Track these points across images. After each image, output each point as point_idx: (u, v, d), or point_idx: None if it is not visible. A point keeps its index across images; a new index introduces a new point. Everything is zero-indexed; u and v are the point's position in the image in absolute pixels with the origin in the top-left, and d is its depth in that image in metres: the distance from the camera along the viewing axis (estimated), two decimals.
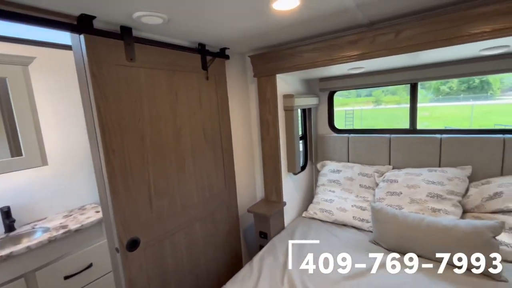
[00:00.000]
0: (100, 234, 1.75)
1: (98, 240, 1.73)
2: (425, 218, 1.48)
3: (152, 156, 1.33)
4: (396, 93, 20.31)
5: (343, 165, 2.15)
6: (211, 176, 1.67)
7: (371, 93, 21.94)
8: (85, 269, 1.64)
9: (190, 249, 1.55)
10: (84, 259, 1.66)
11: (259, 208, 1.89)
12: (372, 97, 22.22)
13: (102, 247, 1.74)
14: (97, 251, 1.72)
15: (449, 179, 1.66)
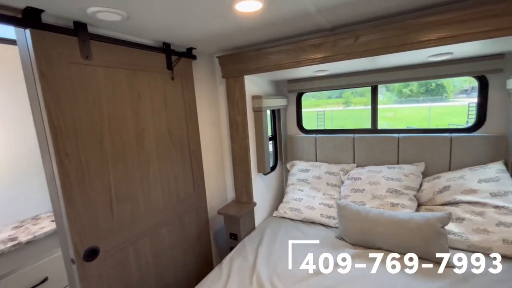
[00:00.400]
0: (57, 245, 1.62)
1: (54, 252, 1.60)
2: (384, 213, 1.58)
3: (113, 159, 1.27)
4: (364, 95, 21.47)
5: (311, 164, 2.22)
6: (178, 179, 1.63)
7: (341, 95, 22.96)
8: (39, 283, 1.51)
9: (156, 256, 1.50)
10: (39, 273, 1.52)
11: (229, 210, 1.88)
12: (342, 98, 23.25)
13: (59, 258, 1.61)
14: (53, 263, 1.59)
15: (406, 175, 1.79)
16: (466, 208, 1.55)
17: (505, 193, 1.47)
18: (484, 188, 1.54)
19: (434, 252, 1.38)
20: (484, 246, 1.42)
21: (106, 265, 1.24)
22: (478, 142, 1.66)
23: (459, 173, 1.68)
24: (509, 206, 1.44)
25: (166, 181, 1.54)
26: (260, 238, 1.78)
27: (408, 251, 1.45)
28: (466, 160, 1.71)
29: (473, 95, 1.71)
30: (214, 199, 2.03)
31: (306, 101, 14.13)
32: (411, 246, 1.44)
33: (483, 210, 1.49)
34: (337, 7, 1.19)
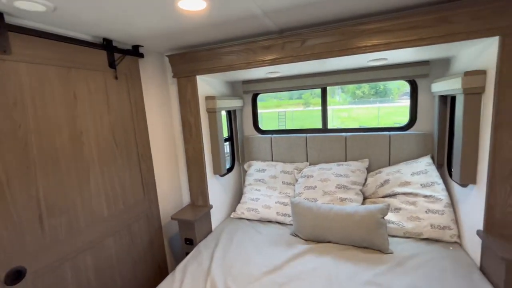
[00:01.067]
0: None
1: None
2: (333, 208, 1.67)
3: (42, 167, 1.13)
4: None
5: (268, 164, 2.26)
6: (125, 185, 1.52)
7: (301, 96, 23.98)
8: None
9: (100, 271, 1.38)
10: None
11: (183, 214, 1.81)
12: (302, 99, 24.29)
13: None
14: None
15: (352, 171, 1.92)
16: (402, 198, 1.72)
17: (432, 184, 1.67)
18: (416, 180, 1.72)
19: (375, 241, 1.51)
20: (417, 232, 1.59)
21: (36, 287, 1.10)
22: (411, 139, 1.86)
23: (396, 167, 1.86)
24: (435, 195, 1.63)
25: (110, 188, 1.43)
26: (216, 242, 1.76)
27: (354, 242, 1.56)
28: (402, 156, 1.90)
29: None
30: (168, 204, 1.94)
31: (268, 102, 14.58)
32: (356, 237, 1.54)
33: (415, 200, 1.67)
34: (281, 11, 1.22)
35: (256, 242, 1.72)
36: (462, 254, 1.43)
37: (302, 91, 2.96)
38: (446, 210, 1.58)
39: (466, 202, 1.48)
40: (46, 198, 1.14)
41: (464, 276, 1.26)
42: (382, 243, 1.50)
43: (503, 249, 1.15)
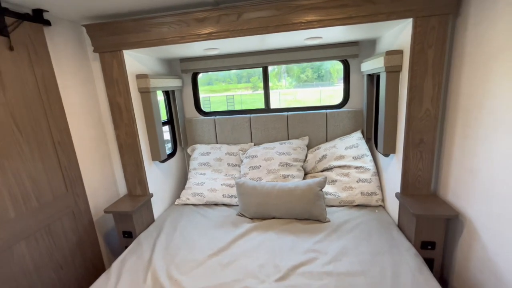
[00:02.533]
0: None
1: None
2: (276, 185, 1.72)
3: None
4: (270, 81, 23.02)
5: (212, 146, 2.19)
6: (38, 179, 1.28)
7: (249, 80, 23.98)
8: None
9: (11, 282, 1.16)
10: None
11: (119, 206, 1.64)
12: (250, 83, 24.33)
13: None
14: None
15: (294, 149, 2.00)
16: (338, 171, 1.87)
17: (362, 156, 1.85)
18: (349, 154, 1.88)
19: (314, 212, 1.61)
20: (350, 200, 1.76)
21: None
22: (344, 116, 2.00)
23: (332, 143, 1.99)
24: (364, 166, 1.81)
25: (16, 183, 1.18)
26: (158, 231, 1.65)
27: (296, 215, 1.64)
28: (337, 132, 2.04)
29: None
30: (100, 197, 1.74)
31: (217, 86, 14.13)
32: (297, 211, 1.63)
33: (349, 171, 1.83)
34: None
35: (201, 227, 1.67)
36: (385, 215, 1.63)
37: (251, 74, 2.93)
38: (373, 179, 1.77)
39: (388, 170, 1.67)
40: None
41: (385, 233, 1.44)
42: (321, 213, 1.61)
43: (414, 206, 1.34)
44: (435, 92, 1.30)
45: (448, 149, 1.36)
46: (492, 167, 1.10)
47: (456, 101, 1.29)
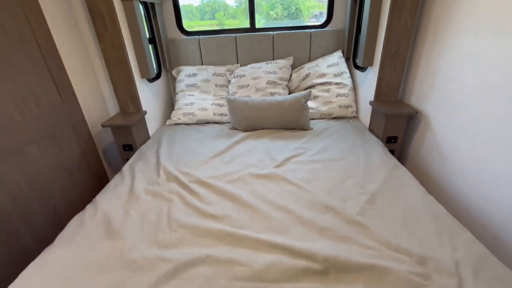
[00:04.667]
0: None
1: None
2: (265, 99, 1.86)
3: None
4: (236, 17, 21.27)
5: (198, 68, 2.19)
6: (32, 85, 1.26)
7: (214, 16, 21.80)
8: None
9: (31, 179, 1.24)
10: None
11: (116, 121, 1.69)
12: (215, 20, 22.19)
13: None
14: None
15: (280, 68, 2.10)
16: (319, 88, 2.05)
17: (341, 73, 2.03)
18: (330, 71, 2.05)
19: (300, 121, 1.82)
20: (329, 113, 2.00)
21: None
22: (327, 35, 2.10)
23: (315, 62, 2.12)
24: (343, 82, 2.01)
25: (15, 88, 1.16)
26: (158, 144, 1.77)
27: (283, 125, 1.85)
28: (320, 51, 2.16)
29: (321, 19, 2.13)
30: (92, 115, 1.74)
31: None
32: (285, 121, 1.83)
33: (329, 87, 2.02)
34: None
35: (199, 139, 1.82)
36: (358, 123, 1.91)
37: (215, 10, 2.60)
38: (350, 93, 1.99)
39: (364, 84, 1.89)
40: None
41: (359, 135, 1.73)
42: (305, 122, 1.83)
43: (384, 109, 1.60)
44: (414, 3, 1.44)
45: (417, 57, 1.58)
46: (448, 69, 1.34)
47: (430, 10, 1.45)
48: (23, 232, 1.19)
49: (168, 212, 1.12)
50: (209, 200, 1.19)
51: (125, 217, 1.11)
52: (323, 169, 1.38)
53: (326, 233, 0.97)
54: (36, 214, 1.26)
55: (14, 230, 1.16)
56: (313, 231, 0.99)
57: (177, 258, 0.88)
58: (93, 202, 1.23)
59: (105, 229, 1.05)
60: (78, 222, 1.10)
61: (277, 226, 1.02)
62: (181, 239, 0.97)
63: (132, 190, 1.29)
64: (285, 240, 0.93)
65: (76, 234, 1.03)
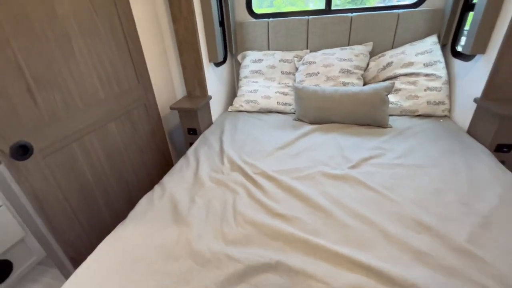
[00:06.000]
0: None
1: None
2: (338, 89, 1.66)
3: (11, 22, 0.87)
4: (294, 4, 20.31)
5: (264, 53, 2.08)
6: (116, 65, 1.30)
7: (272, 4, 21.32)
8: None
9: (109, 155, 1.31)
10: None
11: (183, 104, 1.70)
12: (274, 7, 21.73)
13: None
14: None
15: (356, 55, 1.85)
16: (403, 79, 1.75)
17: (435, 62, 1.69)
18: (419, 60, 1.72)
19: (377, 117, 1.58)
20: (412, 109, 1.70)
21: (48, 165, 1.02)
22: (419, 17, 1.76)
23: (400, 49, 1.81)
24: (436, 73, 1.67)
25: (100, 65, 1.21)
26: (221, 130, 1.73)
27: (357, 120, 1.63)
28: (407, 36, 1.83)
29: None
30: (162, 96, 1.79)
31: None
32: (360, 115, 1.61)
33: (417, 79, 1.71)
34: None
35: (261, 127, 1.73)
36: (451, 124, 1.58)
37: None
38: (444, 87, 1.65)
39: (467, 76, 1.54)
40: (28, 66, 0.92)
41: (454, 138, 1.42)
42: (383, 118, 1.59)
43: (498, 107, 1.27)
44: None
45: None
46: None
47: None
48: (102, 204, 1.28)
49: (234, 204, 1.06)
50: (276, 196, 1.10)
51: (191, 203, 1.08)
52: (409, 175, 1.16)
53: (424, 259, 0.78)
54: (112, 189, 1.34)
55: (95, 201, 1.24)
56: (405, 253, 0.81)
57: (246, 259, 0.80)
58: (161, 183, 1.24)
59: (172, 212, 1.04)
60: (148, 202, 1.12)
61: (356, 238, 0.87)
62: (248, 237, 0.90)
63: (197, 175, 1.26)
64: (371, 259, 0.77)
65: (146, 213, 1.04)
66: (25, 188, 0.93)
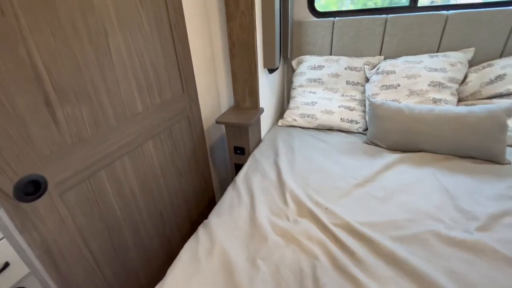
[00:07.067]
0: None
1: None
2: (434, 108, 1.27)
3: (30, 14, 0.61)
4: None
5: (326, 59, 1.73)
6: (159, 69, 1.04)
7: None
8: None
9: (143, 180, 1.04)
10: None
11: (231, 118, 1.41)
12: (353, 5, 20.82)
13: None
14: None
15: (452, 64, 1.44)
16: None
17: None
18: None
19: (492, 149, 1.17)
20: None
21: (66, 203, 0.76)
22: None
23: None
24: None
25: (140, 68, 0.94)
26: (274, 151, 1.41)
27: (458, 151, 1.23)
28: None
29: None
30: (207, 106, 1.51)
31: None
32: (467, 145, 1.20)
33: None
34: None
35: (323, 151, 1.38)
36: None
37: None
38: None
39: None
40: (49, 72, 0.67)
41: None
42: (500, 150, 1.16)
43: None
44: None
45: None
46: None
47: None
48: (131, 246, 1.00)
49: (314, 278, 0.72)
50: (376, 270, 0.74)
51: (252, 269, 0.76)
52: None
53: None
54: (142, 222, 1.06)
55: (124, 245, 0.97)
56: None
57: None
58: (207, 225, 0.94)
59: (227, 283, 0.73)
60: (192, 256, 0.82)
61: None
62: None
63: (254, 220, 0.95)
64: None
65: (190, 278, 0.74)
66: (32, 238, 0.67)
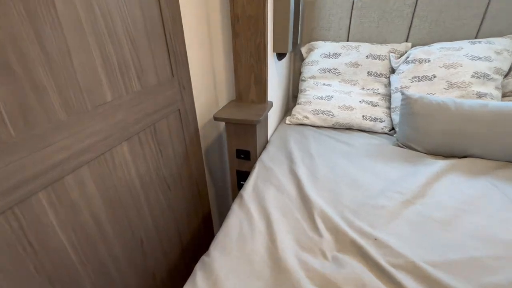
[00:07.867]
0: None
1: None
2: (488, 104, 1.03)
3: None
4: None
5: (344, 45, 1.47)
6: (138, 42, 0.72)
7: None
8: None
9: (113, 200, 0.73)
10: None
11: (234, 113, 1.11)
12: None
13: None
14: None
15: (497, 52, 1.21)
16: None
17: None
18: None
19: None
20: None
21: None
22: None
23: None
24: None
25: (109, 37, 0.63)
26: (286, 155, 1.13)
27: None
28: None
29: None
30: (201, 99, 1.20)
31: None
32: None
33: None
34: None
35: (348, 156, 1.12)
36: None
37: None
38: None
39: None
40: None
41: None
42: None
43: None
44: None
45: None
46: None
47: None
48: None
49: None
50: None
51: None
52: None
53: None
54: (114, 261, 0.75)
55: None
56: None
57: None
58: (208, 267, 0.64)
59: None
60: None
61: None
62: None
63: (277, 259, 0.66)
64: None
65: None
66: None
